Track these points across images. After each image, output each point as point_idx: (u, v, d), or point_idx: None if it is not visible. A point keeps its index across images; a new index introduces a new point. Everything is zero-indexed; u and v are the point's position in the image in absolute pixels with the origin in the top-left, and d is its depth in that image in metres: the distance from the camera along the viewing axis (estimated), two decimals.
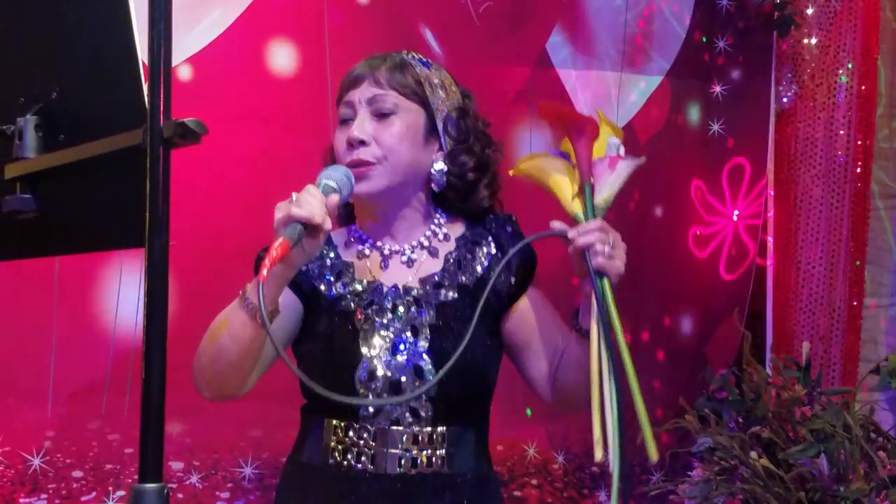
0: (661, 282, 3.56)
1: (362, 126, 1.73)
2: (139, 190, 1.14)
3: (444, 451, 1.73)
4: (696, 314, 3.71)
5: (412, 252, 1.79)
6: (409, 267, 1.78)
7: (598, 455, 1.57)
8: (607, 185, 1.62)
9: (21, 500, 2.63)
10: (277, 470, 3.03)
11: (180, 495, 2.82)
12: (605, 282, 1.60)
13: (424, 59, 1.83)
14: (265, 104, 2.95)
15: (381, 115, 1.74)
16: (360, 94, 1.76)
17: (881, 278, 3.66)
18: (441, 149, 1.79)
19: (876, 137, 3.61)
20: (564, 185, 1.64)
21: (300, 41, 3.01)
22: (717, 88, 3.74)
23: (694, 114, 3.75)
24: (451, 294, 1.76)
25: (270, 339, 1.53)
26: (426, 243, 1.80)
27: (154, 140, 1.13)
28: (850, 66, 3.59)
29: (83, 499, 2.71)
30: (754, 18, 3.68)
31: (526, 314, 1.80)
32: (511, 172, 1.74)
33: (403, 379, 1.70)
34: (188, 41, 2.87)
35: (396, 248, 1.79)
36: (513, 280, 1.78)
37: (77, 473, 2.71)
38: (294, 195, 1.60)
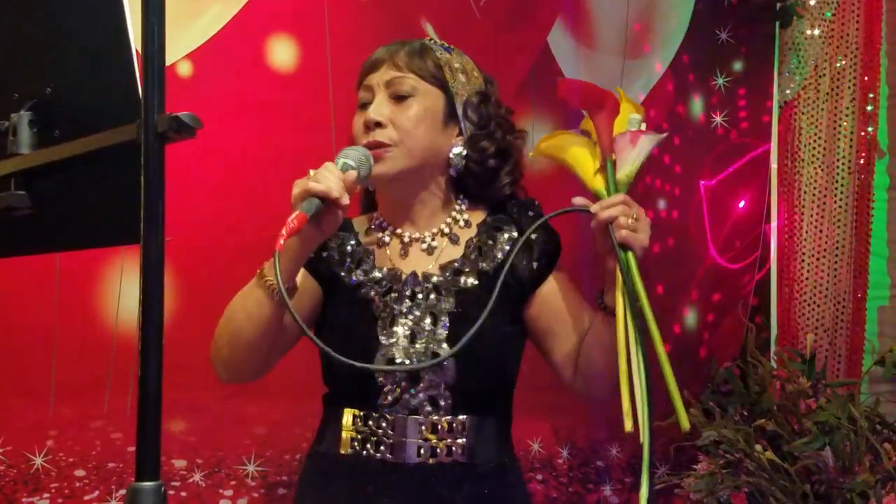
0: (665, 274, 3.55)
1: (379, 108, 1.73)
2: (135, 186, 1.13)
3: (464, 440, 1.71)
4: (700, 307, 3.70)
5: (432, 239, 1.78)
6: (429, 254, 1.77)
7: (628, 426, 1.56)
8: (629, 161, 1.62)
9: (23, 500, 2.62)
10: (281, 467, 3.03)
11: (183, 493, 2.82)
12: (630, 255, 1.59)
13: (446, 45, 1.83)
14: (265, 100, 2.94)
15: (399, 98, 1.74)
16: (379, 77, 1.75)
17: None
18: (461, 134, 1.77)
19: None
20: (586, 162, 1.64)
21: (300, 36, 3.00)
22: (720, 79, 3.72)
23: (696, 106, 3.73)
24: (470, 281, 1.74)
25: (288, 309, 1.51)
26: (446, 230, 1.78)
27: (148, 135, 1.12)
28: (852, 56, 3.57)
29: (86, 498, 2.70)
30: (756, 9, 3.66)
31: (549, 299, 1.78)
32: (531, 154, 1.74)
33: (423, 368, 1.69)
34: (188, 37, 2.86)
35: (416, 235, 1.78)
36: (535, 265, 1.77)
37: (79, 472, 2.70)
38: (312, 172, 1.59)
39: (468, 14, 3.27)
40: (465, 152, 1.77)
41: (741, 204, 3.77)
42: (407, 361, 1.69)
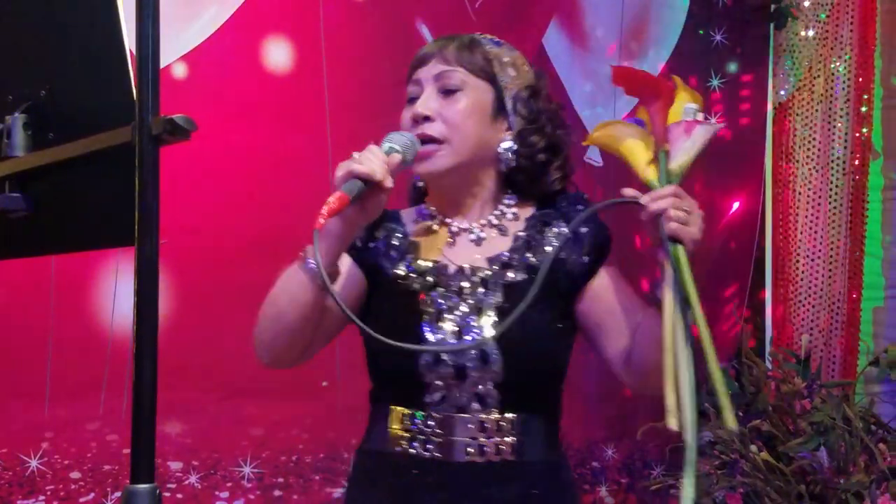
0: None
1: (427, 102, 1.71)
2: (129, 188, 1.13)
3: (512, 438, 1.69)
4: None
5: (480, 230, 1.75)
6: (476, 245, 1.75)
7: (672, 424, 1.50)
8: (682, 151, 1.57)
9: (19, 502, 2.62)
10: (278, 469, 3.03)
11: (179, 495, 2.81)
12: (680, 249, 1.55)
13: (496, 39, 1.80)
14: (261, 101, 2.94)
15: (448, 92, 1.72)
16: (428, 72, 1.74)
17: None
18: (510, 128, 1.75)
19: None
20: (638, 152, 1.60)
21: (296, 38, 3.00)
22: (715, 81, 3.73)
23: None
24: (519, 275, 1.71)
25: (328, 289, 1.49)
26: (495, 221, 1.76)
27: (143, 137, 1.12)
28: (847, 57, 3.58)
29: (81, 500, 2.70)
30: (751, 11, 3.66)
31: (600, 294, 1.73)
32: (585, 142, 1.69)
33: (469, 364, 1.67)
34: (183, 38, 2.86)
35: (465, 225, 1.76)
36: (585, 258, 1.73)
37: (75, 474, 2.70)
38: (355, 154, 1.59)
39: (463, 15, 3.27)
40: (514, 147, 1.75)
41: (735, 205, 3.77)
42: (454, 358, 1.67)
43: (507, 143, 1.75)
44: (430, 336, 1.68)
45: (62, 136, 1.28)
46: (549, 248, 1.72)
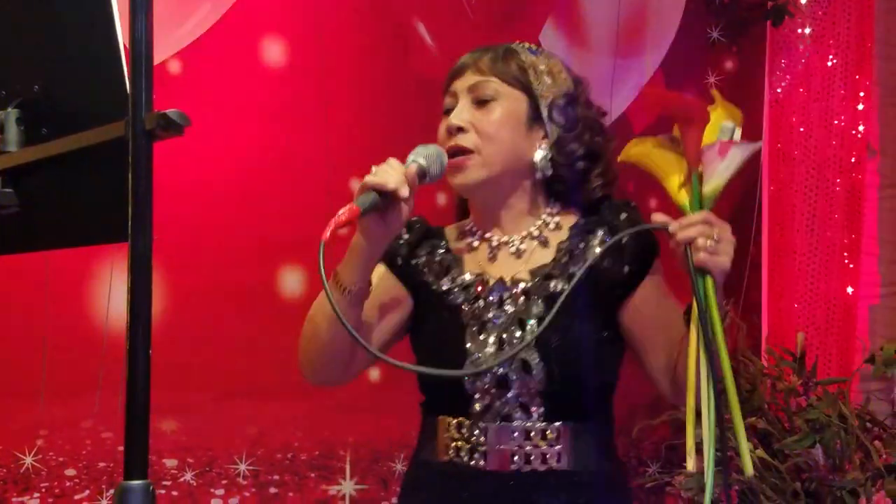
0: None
1: (461, 113, 1.71)
2: (123, 183, 1.12)
3: (559, 447, 1.67)
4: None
5: (521, 243, 1.74)
6: (517, 258, 1.74)
7: (690, 466, 1.48)
8: (716, 174, 1.50)
9: (13, 500, 2.62)
10: (273, 467, 3.03)
11: (175, 493, 2.81)
12: (708, 280, 1.49)
13: (534, 48, 1.79)
14: (256, 98, 2.94)
15: (481, 102, 1.72)
16: (462, 83, 1.74)
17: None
18: (546, 137, 1.74)
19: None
20: (672, 173, 1.54)
21: (291, 35, 3.00)
22: (711, 78, 3.73)
23: None
24: (561, 285, 1.69)
25: (330, 301, 1.48)
26: (536, 233, 1.75)
27: (136, 132, 1.11)
28: (844, 54, 3.58)
29: (76, 497, 2.70)
30: (748, 8, 3.66)
31: (641, 307, 1.70)
32: (620, 158, 1.65)
33: (511, 373, 1.66)
34: (179, 35, 2.86)
35: (505, 239, 1.75)
36: (626, 269, 1.69)
37: (70, 472, 2.70)
38: (374, 167, 1.59)
39: (460, 13, 3.27)
40: (549, 155, 1.72)
41: (732, 202, 3.77)
42: (496, 370, 1.66)
43: (543, 153, 1.73)
44: (472, 349, 1.68)
45: (55, 131, 1.28)
46: (587, 255, 1.70)
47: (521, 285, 1.71)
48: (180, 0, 2.85)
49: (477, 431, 1.68)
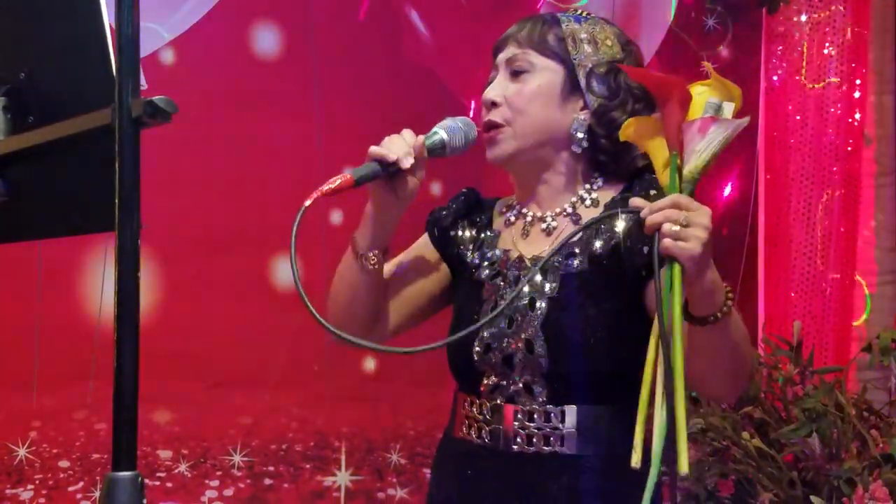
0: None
1: (496, 87, 1.70)
2: (110, 171, 1.11)
3: (563, 431, 1.65)
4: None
5: (553, 220, 1.71)
6: (548, 235, 1.71)
7: (635, 460, 1.41)
8: (695, 154, 1.41)
9: (7, 492, 2.61)
10: (267, 457, 3.02)
11: (169, 484, 2.80)
12: (675, 269, 1.40)
13: (583, 14, 1.75)
14: (249, 87, 2.93)
15: (516, 74, 1.71)
16: (503, 56, 1.73)
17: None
18: (585, 107, 1.69)
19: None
20: (660, 154, 1.46)
21: (284, 24, 2.98)
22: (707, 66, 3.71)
23: None
24: (580, 264, 1.66)
25: (294, 274, 1.47)
26: (569, 210, 1.71)
27: (123, 119, 1.10)
28: (840, 42, 3.56)
29: (70, 489, 2.69)
30: None
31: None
32: (622, 136, 1.56)
33: (516, 354, 1.65)
34: (171, 24, 2.84)
35: (539, 214, 1.73)
36: (646, 249, 1.59)
37: (64, 463, 2.69)
38: (386, 138, 1.63)
39: (454, 3, 3.26)
40: (586, 126, 1.68)
41: (727, 191, 3.76)
42: (502, 347, 1.66)
43: (578, 124, 1.69)
44: (483, 326, 1.65)
45: (42, 119, 1.26)
46: (618, 236, 1.64)
47: (540, 263, 1.64)
48: None
49: (485, 409, 1.68)
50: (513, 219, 1.75)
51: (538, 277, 1.67)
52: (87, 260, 2.70)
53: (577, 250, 1.67)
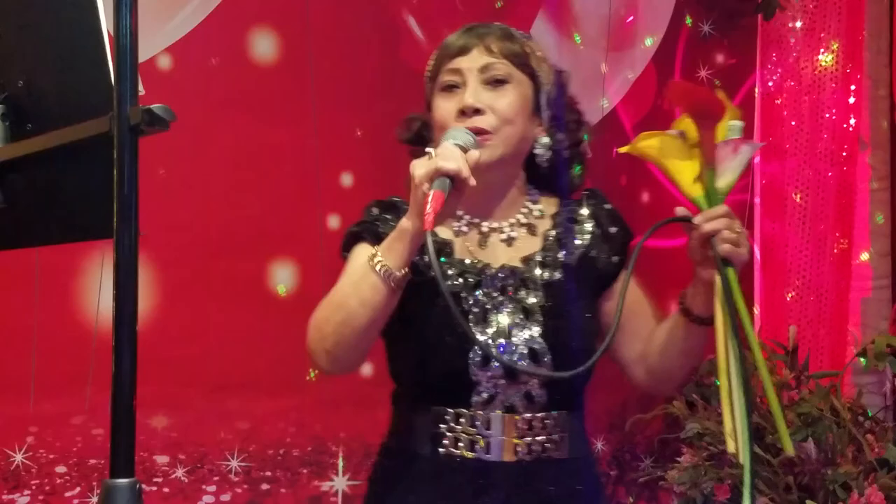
0: (650, 267, 3.55)
1: (477, 95, 1.67)
2: (108, 179, 1.11)
3: (557, 436, 1.69)
4: None
5: (511, 230, 1.73)
6: (508, 245, 1.73)
7: (731, 447, 1.54)
8: (730, 170, 1.58)
9: (4, 497, 2.60)
10: (265, 462, 3.01)
11: (166, 489, 2.80)
12: (731, 271, 1.57)
13: (523, 33, 1.78)
14: (246, 93, 2.93)
15: (495, 84, 1.69)
16: (471, 62, 1.70)
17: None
18: (541, 124, 1.74)
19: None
20: (684, 168, 1.60)
21: (281, 29, 2.98)
22: (703, 72, 3.72)
23: None
24: (556, 274, 1.71)
25: (445, 293, 1.46)
26: (524, 220, 1.75)
27: (121, 127, 1.11)
28: (834, 48, 3.58)
29: (67, 494, 2.69)
30: (739, 1, 3.66)
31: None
32: (624, 149, 1.67)
33: (521, 363, 1.66)
34: (168, 30, 2.84)
35: (495, 225, 1.74)
36: (615, 259, 1.75)
37: (61, 469, 2.69)
38: (433, 152, 1.55)
39: (451, 8, 3.26)
40: (548, 144, 1.73)
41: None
42: (505, 358, 1.65)
43: (546, 140, 1.73)
44: (479, 336, 1.65)
45: (40, 126, 1.27)
46: (580, 247, 1.73)
47: (519, 273, 1.71)
48: None
49: (479, 422, 1.66)
50: (465, 229, 1.74)
51: (521, 289, 1.70)
52: (84, 265, 2.70)
53: (548, 261, 1.72)
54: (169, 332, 2.73)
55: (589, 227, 1.76)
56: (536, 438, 1.67)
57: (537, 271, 1.71)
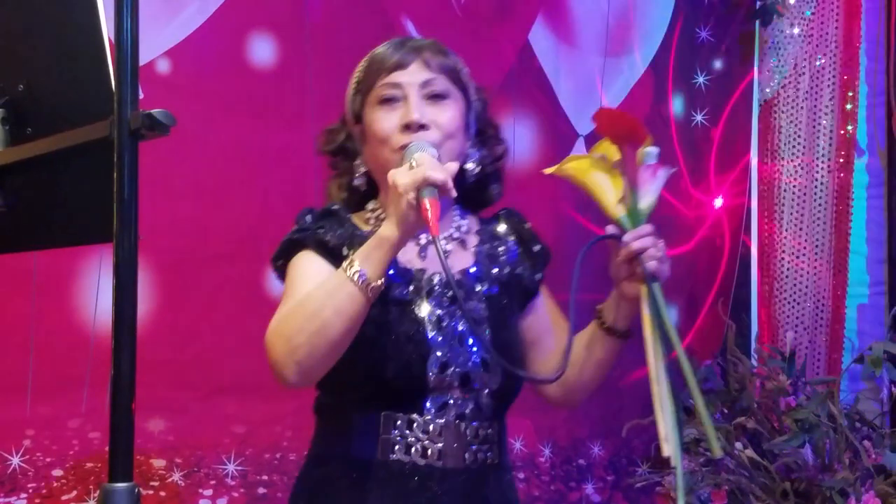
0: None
1: (422, 110, 1.67)
2: (108, 183, 1.12)
3: (495, 444, 1.73)
4: (680, 304, 3.70)
5: (446, 243, 1.74)
6: (445, 257, 1.71)
7: (666, 451, 1.60)
8: (650, 192, 1.66)
9: (0, 500, 2.60)
10: (261, 467, 3.01)
11: (163, 493, 2.80)
12: (656, 286, 1.63)
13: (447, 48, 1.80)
14: (245, 97, 2.93)
15: (435, 99, 1.70)
16: (411, 77, 1.70)
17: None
18: (469, 139, 1.76)
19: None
20: (608, 189, 1.67)
21: (280, 33, 2.98)
22: (700, 78, 3.73)
23: (677, 104, 3.73)
24: (493, 288, 1.75)
25: (459, 302, 1.56)
26: (456, 234, 1.77)
27: (121, 131, 1.11)
28: (832, 54, 3.58)
29: (63, 498, 2.68)
30: (737, 8, 3.66)
31: (540, 310, 1.81)
32: (550, 171, 1.70)
33: (473, 372, 1.68)
34: (166, 34, 2.84)
35: (431, 238, 1.75)
36: (538, 276, 1.80)
37: (57, 472, 2.68)
38: (413, 161, 1.57)
39: (449, 12, 3.27)
40: (477, 160, 1.75)
41: (720, 202, 3.77)
42: (458, 367, 1.66)
43: (476, 155, 1.76)
44: (434, 343, 1.67)
45: (40, 130, 1.27)
46: (507, 263, 1.77)
47: (463, 285, 1.72)
48: None
49: (431, 428, 1.67)
50: None
51: (471, 301, 1.72)
52: (82, 268, 2.70)
53: (482, 276, 1.75)
54: (166, 335, 2.73)
55: (511, 244, 1.80)
56: (482, 446, 1.70)
57: (476, 286, 1.74)
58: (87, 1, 1.23)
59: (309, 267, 1.69)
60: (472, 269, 1.74)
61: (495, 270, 1.76)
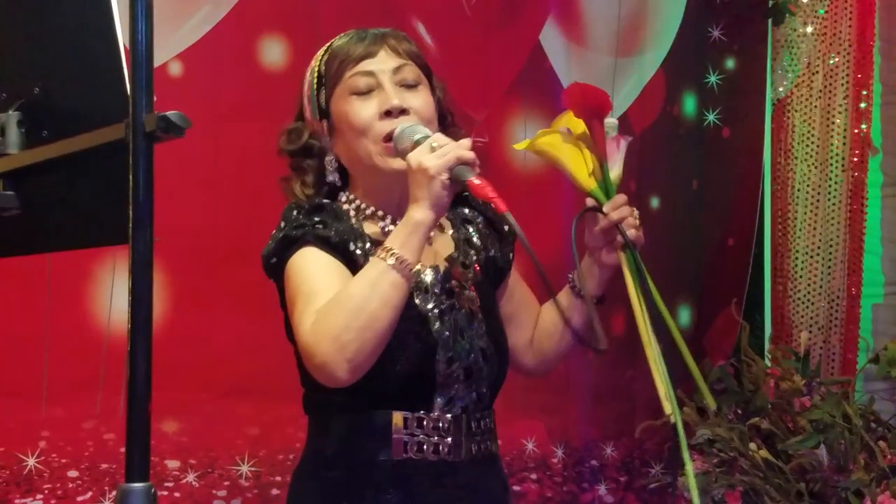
0: (658, 273, 3.55)
1: (400, 96, 1.67)
2: (123, 185, 1.12)
3: (492, 433, 1.75)
4: (693, 305, 3.70)
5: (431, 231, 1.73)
6: (429, 245, 1.70)
7: (668, 408, 1.64)
8: (617, 163, 1.71)
9: (16, 501, 2.61)
10: (274, 467, 3.01)
11: (177, 494, 2.81)
12: (636, 253, 1.69)
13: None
14: (257, 100, 2.93)
15: (409, 86, 1.70)
16: (381, 65, 1.69)
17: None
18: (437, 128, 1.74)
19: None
20: (579, 162, 1.71)
21: (291, 36, 2.99)
22: (713, 78, 3.72)
23: (689, 104, 3.72)
24: (477, 274, 1.76)
25: (542, 277, 1.54)
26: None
27: (136, 134, 1.11)
28: (845, 53, 3.57)
29: (79, 499, 2.69)
30: (749, 6, 3.66)
31: (513, 286, 1.83)
32: (521, 146, 1.74)
33: (475, 364, 1.69)
34: (178, 37, 2.85)
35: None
36: (511, 255, 1.82)
37: (72, 473, 2.69)
38: (433, 142, 1.57)
39: (459, 13, 3.27)
40: None
41: (734, 202, 3.76)
42: (461, 359, 1.67)
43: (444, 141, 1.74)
44: (438, 337, 1.67)
45: (56, 133, 1.27)
46: (480, 245, 1.78)
47: (453, 274, 1.73)
48: (179, 1, 2.84)
49: (441, 424, 1.67)
50: (391, 227, 1.70)
51: (460, 289, 1.72)
52: (96, 270, 2.71)
53: (467, 262, 1.75)
54: (179, 337, 2.74)
55: (481, 226, 1.80)
56: (483, 437, 1.72)
57: (465, 271, 1.74)
58: (102, 4, 1.23)
59: (320, 262, 1.65)
60: (456, 255, 1.74)
61: (474, 255, 1.77)
